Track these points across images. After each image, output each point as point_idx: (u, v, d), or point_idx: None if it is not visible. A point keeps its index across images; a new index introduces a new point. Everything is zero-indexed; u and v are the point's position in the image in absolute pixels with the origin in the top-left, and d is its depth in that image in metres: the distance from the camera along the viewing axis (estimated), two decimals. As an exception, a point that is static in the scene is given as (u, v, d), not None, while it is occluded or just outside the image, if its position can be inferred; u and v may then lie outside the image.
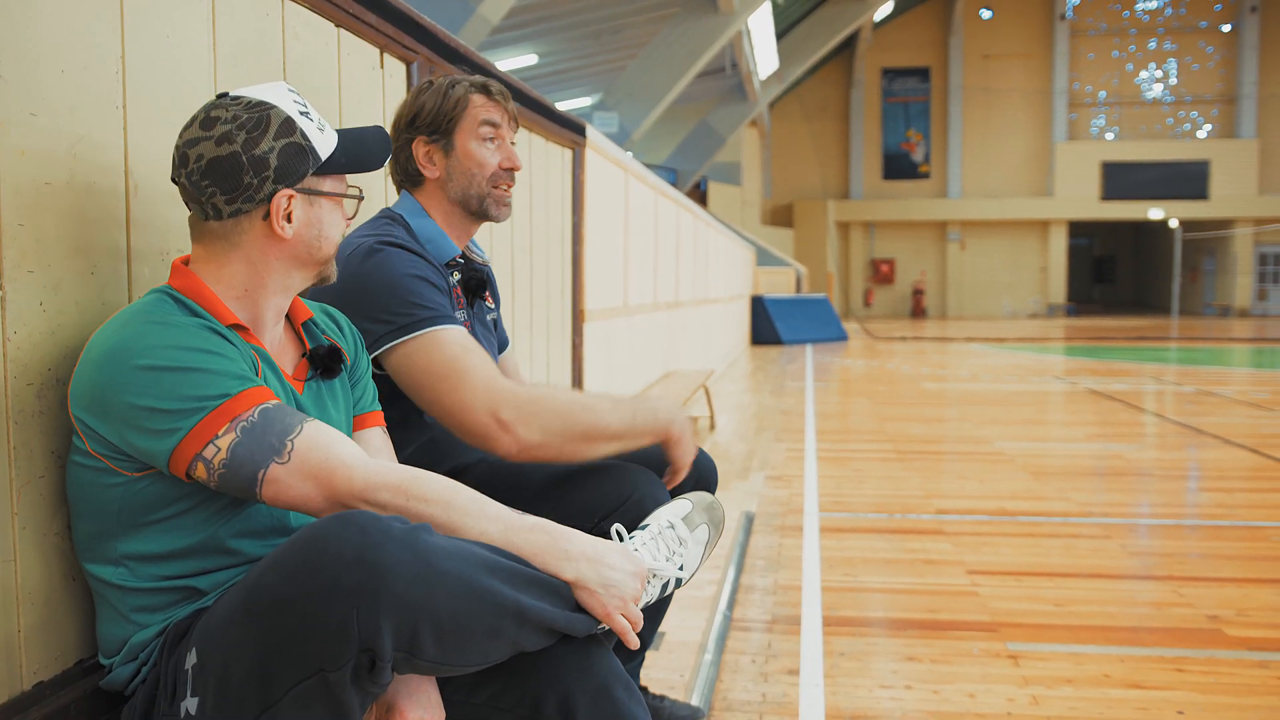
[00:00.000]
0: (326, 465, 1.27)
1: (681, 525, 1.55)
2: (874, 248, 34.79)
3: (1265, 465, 5.73)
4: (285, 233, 1.38)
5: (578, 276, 4.59)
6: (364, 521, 1.14)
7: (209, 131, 1.34)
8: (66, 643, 1.40)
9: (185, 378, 1.24)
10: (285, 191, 1.37)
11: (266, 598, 1.14)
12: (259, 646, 1.14)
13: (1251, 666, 2.69)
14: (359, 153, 1.47)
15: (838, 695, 2.52)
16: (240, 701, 1.16)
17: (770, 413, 8.22)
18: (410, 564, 1.12)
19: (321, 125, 1.43)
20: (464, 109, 1.88)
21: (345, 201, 1.48)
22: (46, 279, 1.35)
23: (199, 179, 1.34)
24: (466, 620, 1.15)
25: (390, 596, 1.10)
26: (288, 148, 1.36)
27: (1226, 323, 27.02)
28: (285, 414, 1.29)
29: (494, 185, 1.91)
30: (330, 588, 1.10)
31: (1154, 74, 33.35)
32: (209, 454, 1.24)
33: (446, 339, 1.72)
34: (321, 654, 1.11)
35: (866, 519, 4.42)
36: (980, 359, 14.51)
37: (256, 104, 1.36)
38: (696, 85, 20.65)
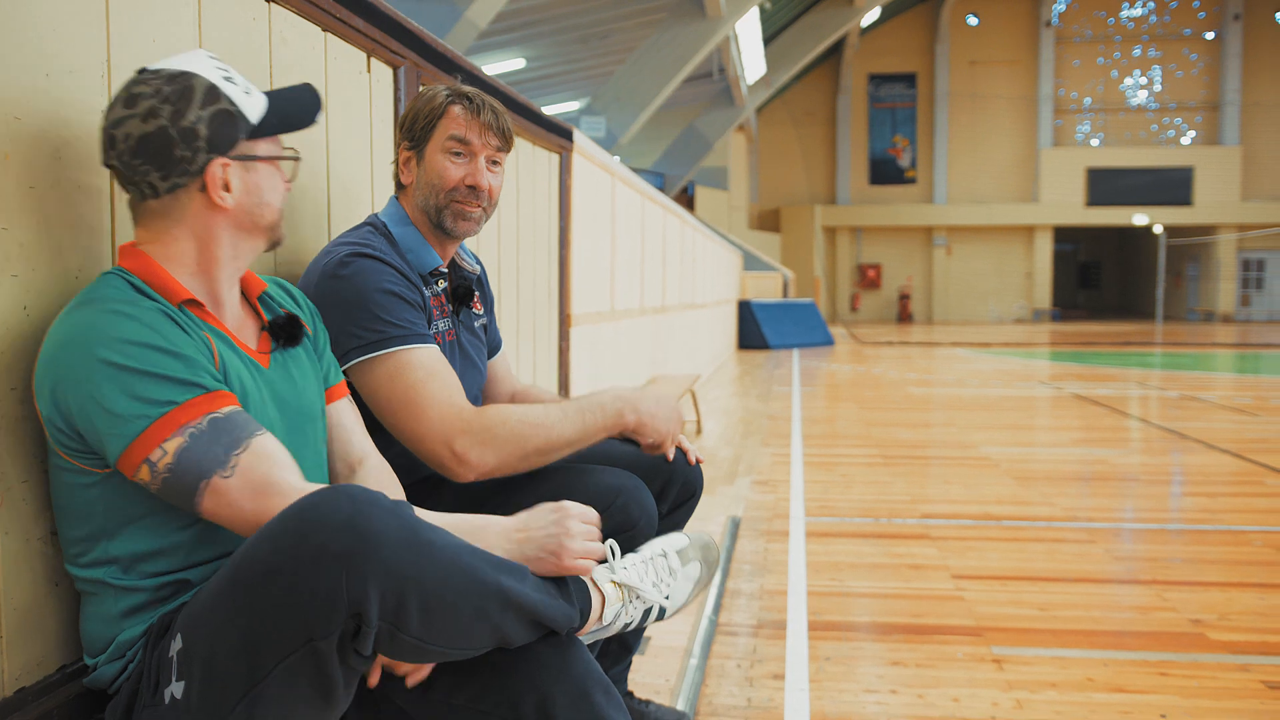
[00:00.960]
0: (267, 485, 1.27)
1: (674, 556, 1.55)
2: (861, 253, 34.90)
3: (1248, 470, 5.77)
4: (225, 202, 1.36)
5: (564, 281, 4.59)
6: (354, 492, 1.16)
7: (133, 109, 1.31)
8: (49, 648, 1.39)
9: (139, 380, 1.23)
10: (220, 160, 1.35)
11: (256, 568, 1.15)
12: (247, 618, 1.14)
13: (1233, 670, 2.71)
14: (291, 111, 1.44)
15: (823, 700, 2.53)
16: (226, 680, 1.16)
17: (757, 417, 8.23)
18: (399, 532, 1.14)
19: (248, 89, 1.40)
20: (438, 119, 1.86)
21: (283, 164, 1.47)
22: (30, 283, 1.35)
23: (130, 158, 1.32)
24: (452, 595, 1.17)
25: (379, 562, 1.11)
26: (216, 115, 1.34)
27: (1210, 328, 27.19)
28: (235, 426, 1.28)
29: (453, 200, 1.88)
30: (320, 552, 1.11)
31: (1139, 81, 33.60)
32: (155, 457, 1.24)
33: (411, 361, 1.72)
34: (310, 621, 1.11)
35: (852, 524, 4.43)
36: (966, 364, 14.56)
37: (177, 74, 1.34)
38: (684, 90, 20.69)
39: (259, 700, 1.15)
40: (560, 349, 4.60)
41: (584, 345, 5.13)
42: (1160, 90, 33.51)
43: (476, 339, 2.06)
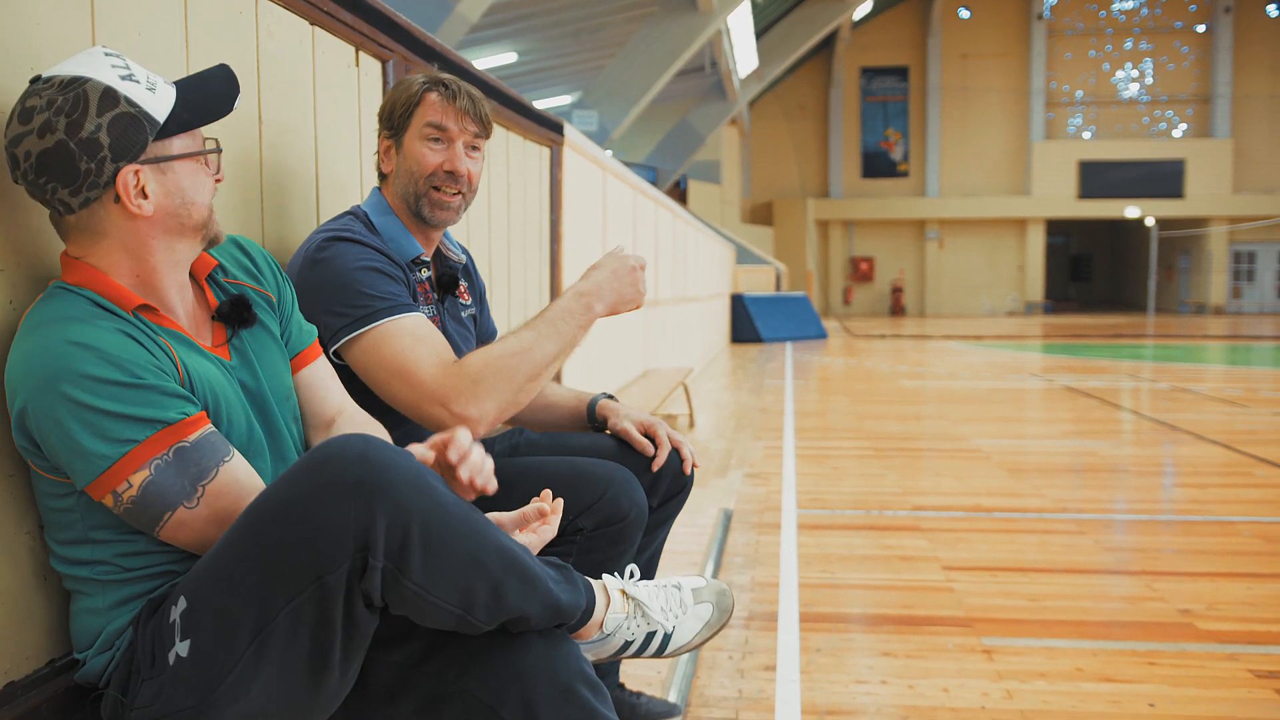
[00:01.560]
0: (232, 514, 1.28)
1: (689, 593, 1.54)
2: (853, 246, 34.92)
3: (1238, 461, 5.79)
4: (144, 210, 1.29)
5: (556, 275, 4.59)
6: (366, 435, 1.21)
7: (28, 125, 1.23)
8: (38, 642, 1.39)
9: (102, 419, 1.21)
10: (129, 168, 1.27)
11: (271, 506, 1.18)
12: (260, 558, 1.17)
13: (1222, 659, 2.72)
14: (202, 101, 1.35)
15: (814, 691, 2.54)
16: (236, 625, 1.18)
17: (749, 410, 8.24)
18: (407, 470, 1.18)
19: (151, 84, 1.30)
20: (415, 106, 1.87)
21: (209, 156, 1.39)
22: (15, 278, 1.34)
23: (35, 177, 1.25)
24: (452, 537, 1.20)
25: (388, 490, 1.15)
26: (117, 121, 1.25)
27: (1201, 320, 27.26)
28: (203, 454, 1.28)
29: (432, 187, 1.88)
30: (332, 482, 1.15)
31: (1130, 74, 33.62)
32: (120, 489, 1.24)
33: (398, 329, 1.72)
34: (321, 552, 1.14)
35: (844, 516, 4.45)
36: (958, 357, 14.59)
37: (69, 81, 1.24)
38: (676, 84, 20.65)
39: (265, 646, 1.18)
40: (552, 343, 4.60)
41: (576, 339, 5.12)
42: (1152, 83, 33.54)
43: (464, 329, 2.06)
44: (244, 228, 1.87)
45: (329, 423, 1.59)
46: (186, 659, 1.20)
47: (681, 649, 1.52)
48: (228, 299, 1.46)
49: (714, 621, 1.55)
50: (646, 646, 1.48)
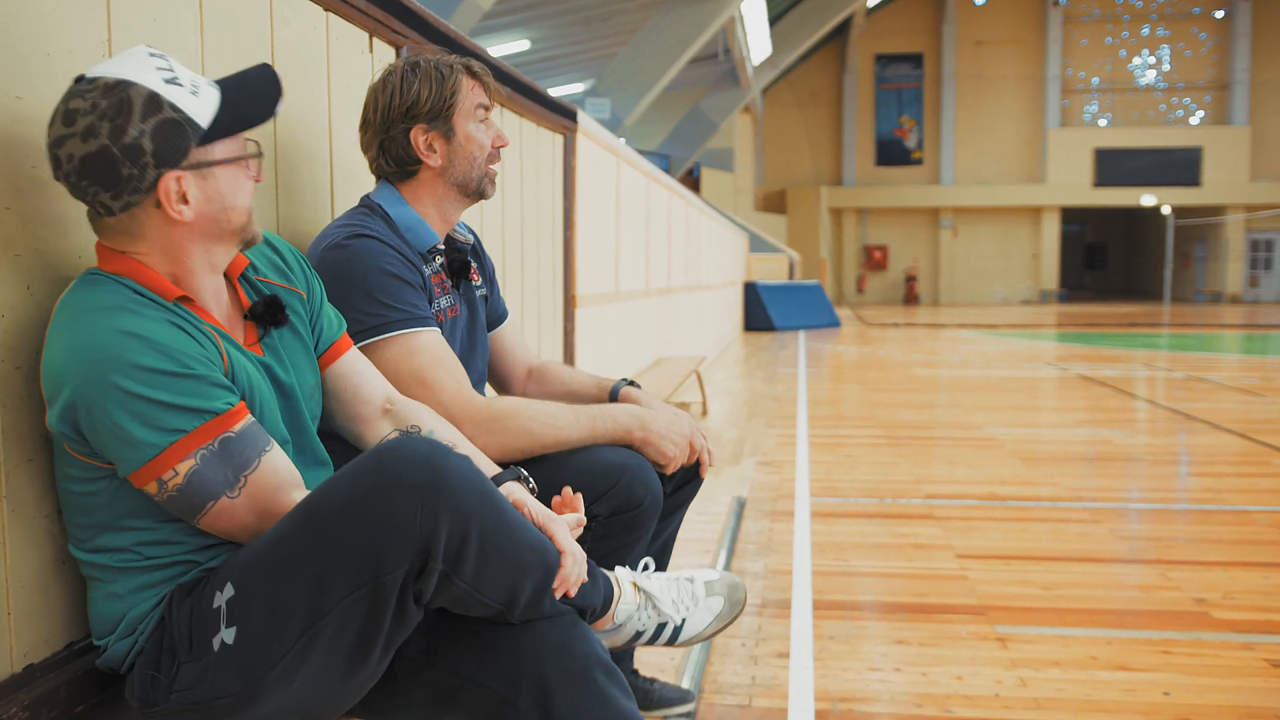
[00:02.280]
0: (272, 504, 1.30)
1: (700, 585, 1.56)
2: (867, 234, 34.79)
3: (1254, 450, 5.76)
4: (184, 216, 1.29)
5: (569, 262, 4.59)
6: (429, 439, 1.24)
7: (71, 127, 1.22)
8: (57, 625, 1.40)
9: (153, 409, 1.22)
10: (172, 174, 1.26)
11: (332, 503, 1.20)
12: (319, 553, 1.19)
13: (1237, 649, 2.71)
14: (245, 106, 1.34)
15: (827, 678, 2.54)
16: (289, 617, 1.20)
17: (762, 399, 8.23)
18: (469, 476, 1.21)
19: (195, 88, 1.29)
20: (458, 93, 1.88)
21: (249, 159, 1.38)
22: (33, 262, 1.35)
23: (77, 179, 1.24)
24: (505, 543, 1.24)
25: (451, 495, 1.18)
26: (160, 127, 1.24)
27: (1217, 309, 27.10)
28: (246, 444, 1.29)
29: (490, 163, 1.94)
30: (399, 483, 1.17)
31: (1147, 60, 33.35)
32: (166, 478, 1.25)
33: (417, 346, 1.74)
34: (382, 551, 1.16)
35: (857, 504, 4.44)
36: (972, 345, 14.54)
37: (114, 85, 1.23)
38: (689, 71, 20.58)
39: (315, 640, 1.19)
40: (565, 330, 4.60)
41: (589, 327, 5.13)
42: (1169, 70, 33.26)
43: (478, 311, 2.06)
44: (257, 215, 1.86)
45: (379, 412, 1.59)
46: (233, 645, 1.22)
47: (693, 639, 1.54)
48: (261, 299, 1.47)
49: (725, 614, 1.57)
50: (658, 636, 1.50)
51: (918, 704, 2.39)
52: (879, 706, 2.38)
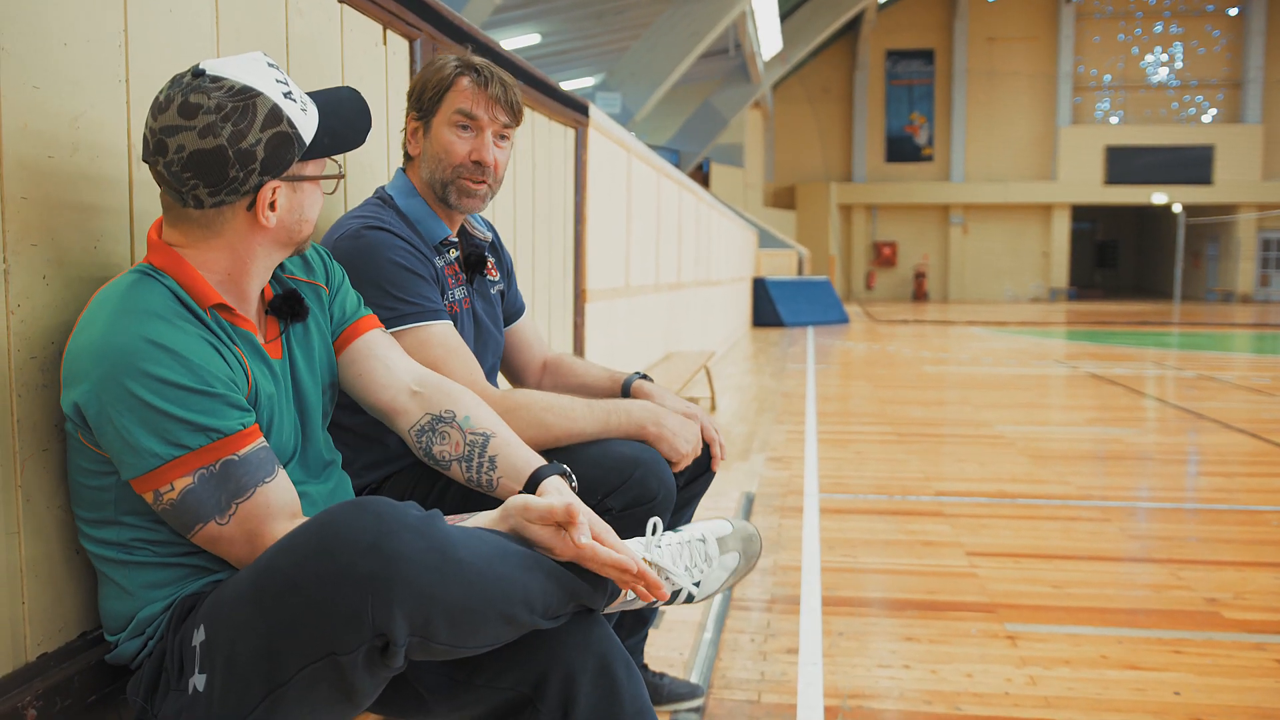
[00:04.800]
0: (259, 535, 1.28)
1: (714, 544, 1.53)
2: (876, 231, 34.73)
3: (1265, 450, 5.74)
4: (269, 222, 1.34)
5: (580, 256, 4.59)
6: (379, 509, 1.13)
7: (190, 120, 1.25)
8: (70, 615, 1.40)
9: (163, 421, 1.22)
10: (271, 183, 1.32)
11: (278, 581, 1.14)
12: (268, 628, 1.14)
13: (1248, 649, 2.70)
14: (342, 131, 1.41)
15: (836, 674, 2.54)
16: (247, 680, 1.16)
17: (771, 394, 8.23)
18: (425, 553, 1.11)
19: (304, 105, 1.35)
20: (446, 91, 1.84)
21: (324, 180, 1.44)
22: (49, 252, 1.35)
23: (180, 170, 1.27)
24: (481, 607, 1.16)
25: (404, 585, 1.09)
26: (274, 138, 1.30)
27: (1229, 308, 26.99)
28: (246, 471, 1.28)
29: (459, 176, 1.86)
30: (343, 574, 1.09)
31: (1159, 58, 33.20)
32: (163, 490, 1.25)
33: (430, 338, 1.73)
34: (332, 639, 1.10)
35: (866, 500, 4.44)
36: (981, 343, 14.50)
37: (240, 90, 1.27)
38: (699, 66, 20.56)
39: (281, 700, 1.16)
40: (575, 324, 4.60)
41: (599, 321, 5.12)
42: (1181, 67, 33.11)
43: (492, 306, 2.06)
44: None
45: (406, 394, 1.55)
46: (203, 694, 1.20)
47: (709, 596, 1.54)
48: (281, 294, 1.48)
49: (741, 568, 1.56)
50: (673, 599, 1.49)
51: (927, 701, 2.38)
52: (888, 703, 2.38)
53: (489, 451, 1.50)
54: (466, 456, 1.51)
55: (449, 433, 1.52)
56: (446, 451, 1.52)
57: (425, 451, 1.54)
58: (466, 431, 1.51)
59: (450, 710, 1.36)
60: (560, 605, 1.28)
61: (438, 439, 1.52)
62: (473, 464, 1.51)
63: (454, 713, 1.37)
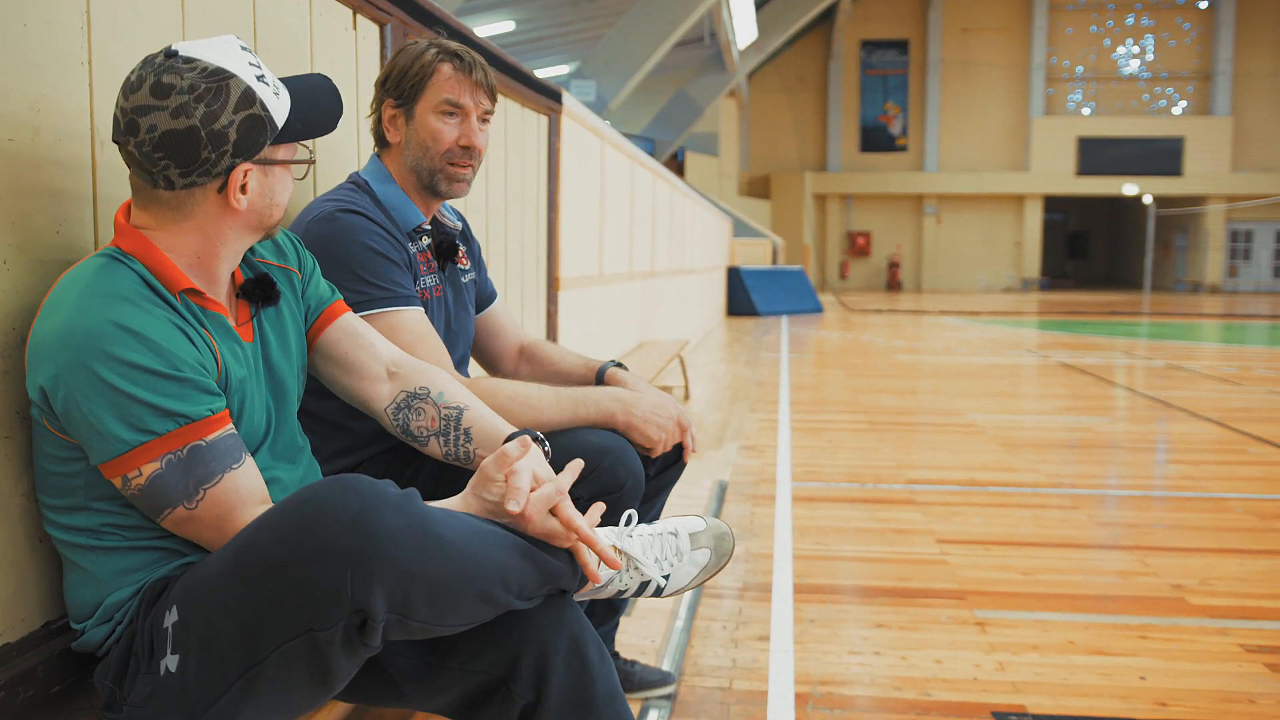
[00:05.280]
0: (227, 521, 1.27)
1: (685, 539, 1.54)
2: (850, 220, 34.86)
3: (1231, 438, 5.81)
4: (240, 205, 1.33)
5: (553, 244, 4.57)
6: (360, 486, 1.14)
7: (162, 100, 1.24)
8: (33, 604, 1.39)
9: (130, 405, 1.21)
10: (243, 165, 1.31)
11: (259, 557, 1.14)
12: (248, 605, 1.14)
13: (1212, 634, 2.74)
14: (313, 116, 1.41)
15: (807, 661, 2.55)
16: (223, 659, 1.16)
17: (745, 383, 8.25)
18: (405, 529, 1.13)
19: (277, 89, 1.35)
20: (428, 78, 1.84)
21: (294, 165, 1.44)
22: (10, 236, 1.33)
23: (151, 150, 1.26)
24: (459, 584, 1.17)
25: (385, 561, 1.10)
26: (247, 120, 1.29)
27: (1197, 298, 27.29)
28: (214, 456, 1.27)
29: (448, 162, 1.87)
30: (325, 550, 1.10)
31: (1131, 50, 33.48)
32: (130, 475, 1.24)
33: (399, 323, 1.72)
34: (312, 615, 1.11)
35: (838, 489, 4.46)
36: (954, 332, 14.59)
37: (214, 72, 1.27)
38: (675, 55, 20.51)
39: (255, 680, 1.16)
40: (549, 313, 4.59)
41: (572, 309, 5.11)
42: (1152, 59, 33.41)
43: (463, 295, 2.05)
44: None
45: (382, 376, 1.55)
46: (175, 675, 1.20)
47: (678, 592, 1.54)
48: (252, 277, 1.48)
49: (711, 565, 1.56)
50: (641, 592, 1.50)
51: (897, 687, 2.40)
52: (858, 689, 2.39)
53: (464, 424, 1.52)
54: (443, 431, 1.52)
55: (424, 409, 1.53)
56: (423, 427, 1.53)
57: (403, 428, 1.54)
58: (440, 406, 1.53)
59: (424, 695, 1.36)
60: (535, 586, 1.28)
61: (414, 415, 1.53)
62: (449, 437, 1.53)
63: (428, 698, 1.37)
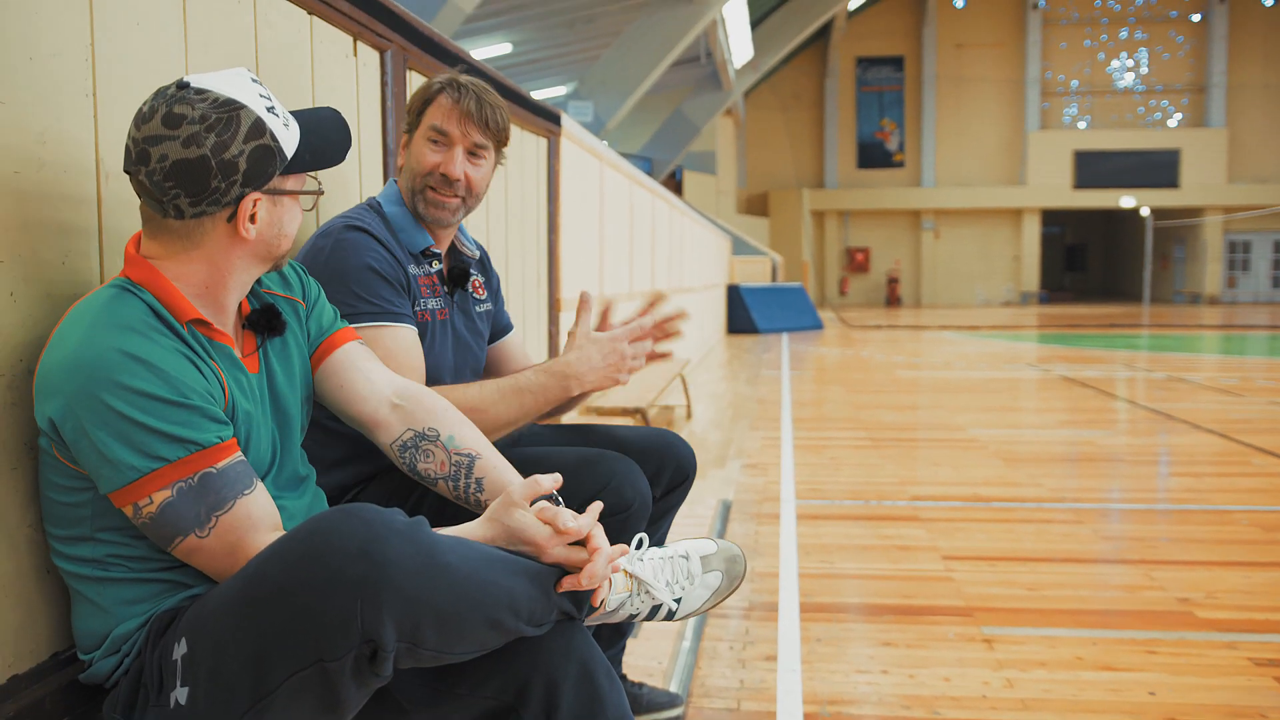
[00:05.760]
0: (240, 547, 1.28)
1: (696, 561, 1.54)
2: (848, 236, 34.92)
3: (1234, 450, 5.80)
4: (249, 234, 1.35)
5: (553, 265, 4.59)
6: (367, 515, 1.14)
7: (173, 130, 1.27)
8: (41, 636, 1.38)
9: (139, 433, 1.21)
10: (253, 195, 1.33)
11: (267, 588, 1.14)
12: (256, 636, 1.14)
13: (1220, 648, 2.73)
14: (322, 147, 1.43)
15: (814, 680, 2.54)
16: (232, 690, 1.16)
17: (746, 401, 8.24)
18: (413, 558, 1.13)
19: (286, 120, 1.37)
20: (428, 105, 1.89)
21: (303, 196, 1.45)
22: (16, 269, 1.34)
23: (161, 179, 1.28)
24: (468, 612, 1.17)
25: (393, 590, 1.10)
26: (257, 150, 1.31)
27: (1196, 310, 27.31)
28: (226, 484, 1.27)
29: (427, 186, 1.88)
30: (333, 580, 1.10)
31: (1125, 63, 33.63)
32: (141, 504, 1.24)
33: (377, 339, 1.74)
34: (320, 645, 1.11)
35: (842, 506, 4.45)
36: (954, 347, 14.60)
37: (225, 102, 1.29)
38: (671, 74, 20.59)
39: (265, 711, 1.16)
40: (550, 334, 4.60)
41: (573, 330, 5.11)
42: (1147, 73, 33.54)
43: (474, 323, 2.06)
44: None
45: (386, 407, 1.54)
46: (185, 707, 1.20)
47: (689, 615, 1.54)
48: (259, 309, 1.48)
49: (723, 588, 1.56)
50: (653, 616, 1.50)
51: (905, 706, 2.39)
52: (866, 709, 2.38)
53: (475, 473, 1.51)
54: (452, 476, 1.51)
55: (433, 451, 1.52)
56: (431, 469, 1.52)
57: (410, 468, 1.54)
58: (451, 452, 1.51)
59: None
60: (544, 612, 1.29)
61: (422, 456, 1.52)
62: (459, 483, 1.51)
63: None
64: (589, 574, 1.32)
